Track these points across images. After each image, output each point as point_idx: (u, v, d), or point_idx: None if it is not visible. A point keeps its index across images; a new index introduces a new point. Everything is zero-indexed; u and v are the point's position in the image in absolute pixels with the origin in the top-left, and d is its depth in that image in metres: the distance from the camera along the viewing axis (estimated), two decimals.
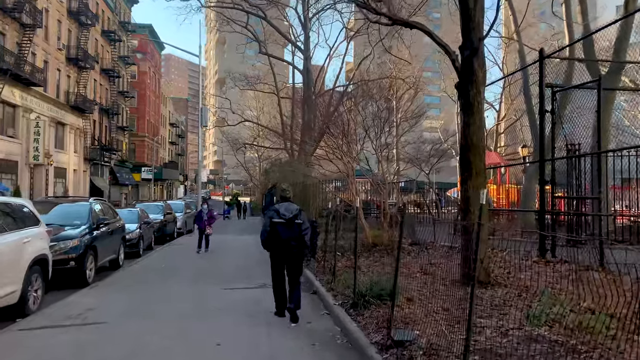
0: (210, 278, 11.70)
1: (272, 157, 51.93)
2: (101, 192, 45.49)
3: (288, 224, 7.20)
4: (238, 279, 11.45)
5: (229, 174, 78.02)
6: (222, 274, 12.27)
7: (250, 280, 11.07)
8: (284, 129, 37.64)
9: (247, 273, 12.21)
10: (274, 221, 7.21)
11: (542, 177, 10.81)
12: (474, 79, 8.08)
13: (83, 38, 40.94)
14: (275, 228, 7.20)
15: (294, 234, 7.24)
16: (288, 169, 28.46)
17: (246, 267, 13.17)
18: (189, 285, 10.63)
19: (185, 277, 11.87)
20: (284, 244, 7.22)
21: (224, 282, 10.91)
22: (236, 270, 12.88)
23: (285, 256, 7.34)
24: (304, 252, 7.73)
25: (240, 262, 14.34)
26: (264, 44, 34.44)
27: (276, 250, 7.34)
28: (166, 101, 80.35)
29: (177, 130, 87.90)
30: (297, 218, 7.28)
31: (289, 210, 7.30)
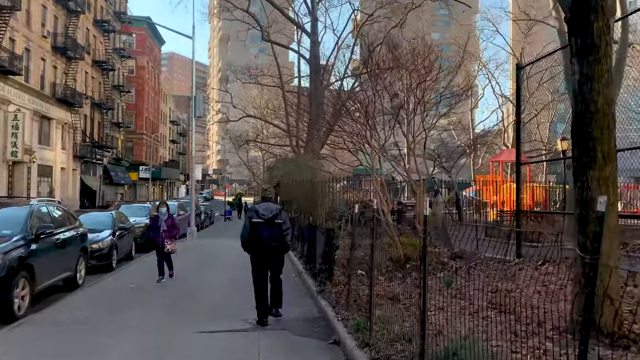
0: (186, 306, 8.65)
1: (276, 155, 49.03)
2: (93, 192, 42.59)
3: (268, 224, 7.08)
4: (223, 311, 8.35)
5: (232, 173, 75.27)
6: (205, 301, 9.16)
7: (240, 315, 7.94)
8: (288, 125, 34.61)
9: (238, 301, 9.08)
10: (253, 221, 7.10)
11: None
12: (598, 3, 4.93)
13: (72, 26, 37.96)
14: (256, 228, 7.08)
15: (275, 234, 7.11)
16: (293, 166, 25.40)
17: (238, 290, 10.04)
18: (151, 323, 7.55)
19: (154, 305, 8.79)
20: (264, 245, 7.08)
21: (202, 318, 7.81)
22: (225, 295, 9.76)
23: (266, 257, 7.19)
24: (284, 252, 7.55)
25: (231, 280, 11.23)
26: (267, 30, 31.38)
27: (256, 252, 7.19)
28: (166, 98, 77.43)
29: (178, 129, 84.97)
30: (277, 218, 7.12)
31: (268, 210, 7.18)
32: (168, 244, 11.11)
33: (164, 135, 75.08)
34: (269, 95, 44.17)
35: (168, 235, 11.20)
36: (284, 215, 7.36)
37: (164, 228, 11.19)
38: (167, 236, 11.16)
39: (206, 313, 8.14)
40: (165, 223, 11.26)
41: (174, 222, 11.73)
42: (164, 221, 11.30)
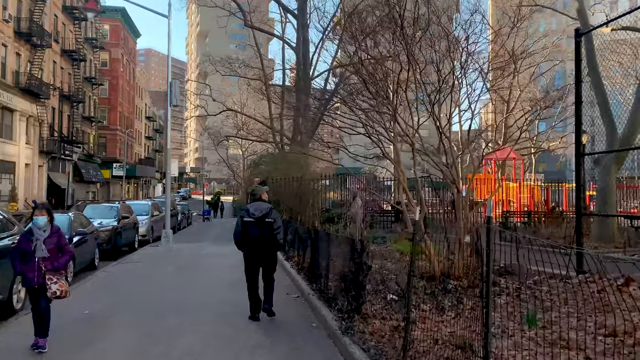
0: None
1: (257, 153, 46.36)
2: (62, 190, 39.27)
3: (258, 223, 7.10)
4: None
5: (210, 171, 72.20)
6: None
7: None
8: (271, 120, 32.05)
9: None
10: (244, 220, 7.16)
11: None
12: None
13: (37, 11, 34.65)
14: (246, 227, 7.14)
15: (265, 233, 7.10)
16: (281, 162, 22.87)
17: (235, 329, 7.47)
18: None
19: (105, 351, 6.15)
20: (256, 243, 7.11)
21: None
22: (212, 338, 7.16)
23: (258, 256, 7.20)
24: (276, 251, 7.51)
25: (222, 305, 8.63)
26: (249, 16, 28.72)
27: (249, 250, 7.22)
28: (142, 93, 73.84)
29: (154, 125, 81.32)
30: (267, 217, 7.13)
31: (259, 209, 7.19)
32: (52, 282, 5.84)
33: (139, 131, 71.54)
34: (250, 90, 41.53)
35: (51, 266, 5.88)
36: (274, 214, 7.26)
37: (42, 254, 5.84)
38: (50, 268, 5.86)
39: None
40: (44, 244, 5.87)
41: (62, 241, 6.08)
42: (41, 241, 5.88)
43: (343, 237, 7.48)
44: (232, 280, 9.77)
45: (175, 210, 27.00)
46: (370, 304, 6.75)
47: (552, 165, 54.01)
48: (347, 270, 6.61)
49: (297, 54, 27.05)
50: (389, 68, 7.91)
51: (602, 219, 16.20)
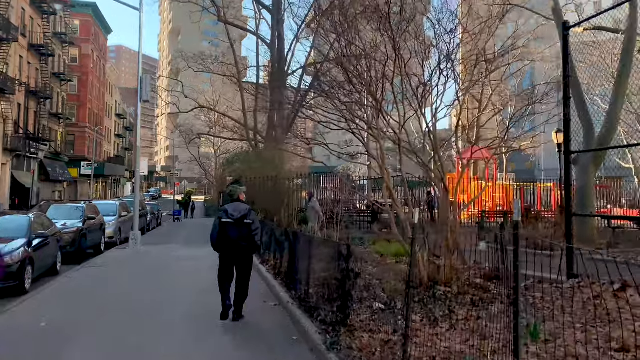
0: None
1: (230, 151, 45.44)
2: (26, 189, 37.63)
3: (237, 224, 7.03)
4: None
5: (181, 170, 70.77)
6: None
7: None
8: (245, 117, 31.27)
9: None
10: (223, 221, 7.07)
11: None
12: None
13: (4, 4, 33.06)
14: (225, 228, 7.04)
15: (243, 233, 7.02)
16: (255, 160, 22.16)
17: None
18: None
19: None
20: (234, 244, 7.02)
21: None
22: None
23: (234, 256, 7.10)
24: (254, 253, 7.50)
25: (193, 320, 7.92)
26: (223, 11, 27.84)
27: (226, 251, 7.11)
28: (112, 90, 71.81)
29: (125, 122, 79.21)
30: (246, 218, 7.06)
31: (237, 210, 7.11)
32: None
33: (109, 129, 69.56)
34: (223, 87, 40.58)
35: None
36: (253, 215, 7.21)
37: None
38: None
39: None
40: None
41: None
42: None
43: (326, 241, 6.88)
44: (205, 288, 9.06)
45: (144, 210, 25.98)
46: (356, 314, 6.17)
47: (521, 164, 54.49)
48: (331, 278, 6.02)
49: (271, 50, 26.34)
50: (375, 59, 7.35)
51: (582, 220, 15.98)
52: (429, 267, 7.85)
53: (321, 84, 7.85)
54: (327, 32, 7.69)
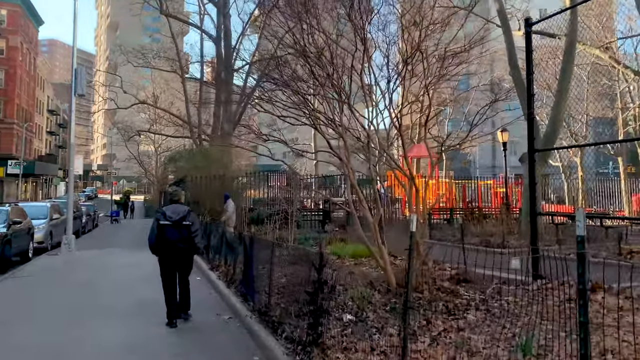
0: None
1: (172, 149, 43.61)
2: None
3: (176, 226, 6.86)
4: None
5: (119, 168, 67.64)
6: None
7: None
8: (188, 114, 29.89)
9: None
10: (161, 223, 6.88)
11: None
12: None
13: None
14: (163, 230, 6.85)
15: (183, 235, 6.87)
16: (199, 159, 21.01)
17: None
18: None
19: None
20: (172, 247, 6.85)
21: None
22: None
23: (174, 259, 6.93)
24: (194, 255, 7.27)
25: (132, 345, 6.93)
26: (165, 2, 26.37)
27: (165, 254, 6.92)
28: (44, 84, 67.55)
29: (58, 119, 74.81)
30: (185, 220, 6.90)
31: (176, 211, 6.95)
32: None
33: (40, 125, 65.37)
34: (165, 85, 38.76)
35: None
36: (192, 216, 7.06)
37: None
38: None
39: None
40: None
41: None
42: None
43: (292, 247, 6.14)
44: (148, 299, 8.08)
45: (79, 211, 24.14)
46: (325, 328, 5.47)
47: (457, 163, 55.69)
48: (299, 289, 5.29)
49: (217, 45, 25.18)
50: (344, 48, 6.68)
51: (528, 217, 16.04)
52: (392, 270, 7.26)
53: (282, 75, 7.02)
54: (288, 17, 6.90)
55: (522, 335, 5.06)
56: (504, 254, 13.43)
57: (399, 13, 6.40)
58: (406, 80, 6.55)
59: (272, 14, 11.09)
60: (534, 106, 16.77)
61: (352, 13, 6.20)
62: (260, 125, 14.60)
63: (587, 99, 27.91)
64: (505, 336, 5.26)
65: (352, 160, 7.70)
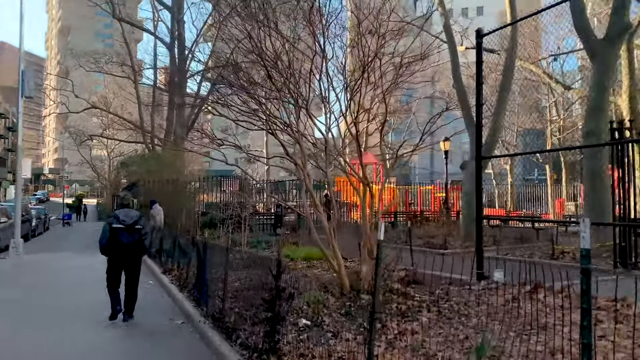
0: None
1: (125, 154, 41.93)
2: None
3: (128, 230, 6.92)
4: None
5: (72, 172, 64.54)
6: None
7: None
8: (141, 119, 28.77)
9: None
10: (114, 227, 6.91)
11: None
12: None
13: None
14: (115, 233, 6.89)
15: (135, 239, 6.95)
16: (152, 164, 20.16)
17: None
18: None
19: None
20: (125, 249, 6.92)
21: None
22: None
23: (124, 261, 6.99)
24: (142, 256, 7.28)
25: None
26: (118, 7, 25.26)
27: (116, 255, 6.96)
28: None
29: (7, 122, 70.61)
30: (137, 224, 7.00)
31: (128, 216, 7.02)
32: None
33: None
34: (118, 90, 37.20)
35: None
36: (143, 221, 7.21)
37: None
38: None
39: None
40: None
41: None
42: None
43: (247, 252, 5.77)
44: (99, 303, 7.48)
45: (28, 215, 22.65)
46: (281, 335, 5.14)
47: (398, 169, 56.59)
48: (254, 294, 4.94)
49: (170, 51, 24.33)
50: (302, 52, 6.41)
51: (468, 220, 16.30)
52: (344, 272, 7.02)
53: (238, 78, 6.65)
54: (244, 19, 6.54)
55: (475, 337, 4.92)
56: (446, 254, 13.61)
57: (356, 19, 6.15)
58: (362, 87, 6.33)
59: (229, 17, 10.67)
60: (474, 120, 17.17)
61: (311, 16, 5.95)
62: (214, 130, 14.04)
63: (518, 112, 28.95)
64: (458, 338, 5.11)
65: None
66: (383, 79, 6.60)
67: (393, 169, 7.55)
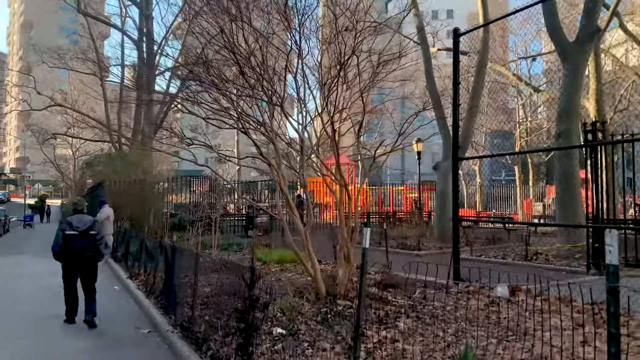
0: None
1: (91, 153, 40.63)
2: None
3: (82, 236, 6.80)
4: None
5: (34, 172, 62.29)
6: None
7: None
8: (108, 118, 27.84)
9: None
10: (67, 233, 6.80)
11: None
12: None
13: None
14: (69, 240, 6.78)
15: (89, 244, 6.84)
16: (119, 164, 19.44)
17: None
18: None
19: None
20: (79, 255, 6.79)
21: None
22: None
23: (80, 266, 6.86)
24: (98, 261, 7.08)
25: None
26: (83, 1, 24.33)
27: (70, 261, 6.82)
28: None
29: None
30: (91, 229, 6.89)
31: (82, 221, 6.92)
32: None
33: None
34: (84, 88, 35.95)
35: None
36: (97, 226, 7.12)
37: None
38: None
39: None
40: None
41: None
42: None
43: (218, 260, 5.44)
44: (62, 310, 7.00)
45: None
46: (255, 346, 4.83)
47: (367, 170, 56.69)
48: (226, 300, 4.62)
49: (138, 48, 23.58)
50: (277, 47, 6.11)
51: (441, 221, 16.27)
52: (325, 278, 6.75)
53: (209, 74, 6.30)
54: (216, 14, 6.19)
55: (457, 345, 4.73)
56: (421, 255, 13.51)
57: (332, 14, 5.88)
58: (339, 85, 6.07)
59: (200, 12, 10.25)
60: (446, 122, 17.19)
61: (287, 10, 5.66)
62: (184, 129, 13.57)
63: (486, 113, 29.30)
64: (440, 346, 4.90)
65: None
66: (360, 78, 6.35)
67: (371, 171, 7.29)
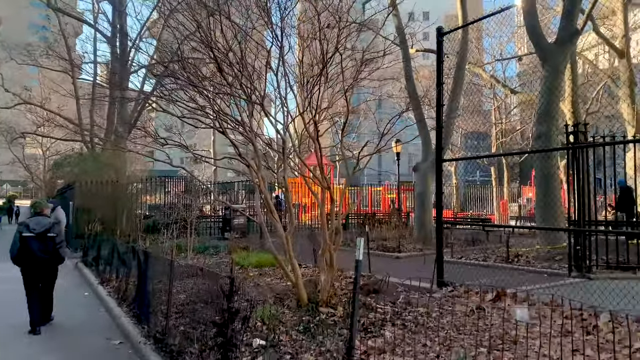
0: None
1: (61, 152, 39.43)
2: None
3: (39, 238, 6.57)
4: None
5: (2, 172, 60.29)
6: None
7: None
8: (80, 117, 26.99)
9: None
10: (24, 235, 6.51)
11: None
12: None
13: None
14: (26, 242, 6.50)
15: (48, 247, 6.60)
16: (90, 164, 18.79)
17: None
18: None
19: None
20: (36, 258, 6.53)
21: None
22: None
23: (38, 271, 6.67)
24: (58, 265, 6.93)
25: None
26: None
27: (28, 265, 6.56)
28: None
29: None
30: (49, 232, 6.64)
31: (40, 224, 6.66)
32: None
33: None
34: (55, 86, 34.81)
35: None
36: (57, 228, 6.80)
37: None
38: None
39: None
40: None
41: None
42: None
43: (195, 267, 5.11)
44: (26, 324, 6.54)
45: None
46: None
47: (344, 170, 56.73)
48: (203, 308, 4.30)
49: (111, 45, 22.88)
50: (258, 42, 5.81)
51: (422, 223, 16.16)
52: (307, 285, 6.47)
53: (184, 70, 5.96)
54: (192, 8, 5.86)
55: (446, 355, 4.51)
56: (401, 258, 13.35)
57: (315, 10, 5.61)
58: (322, 84, 5.81)
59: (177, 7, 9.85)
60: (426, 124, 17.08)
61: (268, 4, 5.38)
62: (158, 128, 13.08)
63: (462, 115, 29.46)
64: (429, 357, 4.67)
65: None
66: (342, 76, 6.10)
67: (354, 172, 7.05)
